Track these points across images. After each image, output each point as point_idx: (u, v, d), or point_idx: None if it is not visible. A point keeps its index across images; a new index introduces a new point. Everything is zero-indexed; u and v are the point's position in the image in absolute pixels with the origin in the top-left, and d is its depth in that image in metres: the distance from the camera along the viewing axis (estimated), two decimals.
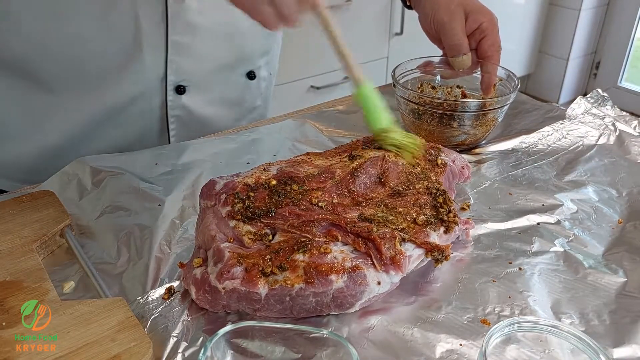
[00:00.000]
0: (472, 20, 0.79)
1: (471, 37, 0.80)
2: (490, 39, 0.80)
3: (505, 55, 0.83)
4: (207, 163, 0.74)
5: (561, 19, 2.78)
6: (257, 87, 0.92)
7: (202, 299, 0.50)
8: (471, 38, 0.81)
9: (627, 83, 2.91)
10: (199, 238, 0.55)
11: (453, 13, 0.79)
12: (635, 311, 0.52)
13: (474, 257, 0.58)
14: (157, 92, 0.79)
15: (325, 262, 0.49)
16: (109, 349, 0.44)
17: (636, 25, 2.76)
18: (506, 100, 0.77)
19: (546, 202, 0.67)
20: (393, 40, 2.18)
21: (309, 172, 0.58)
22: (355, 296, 0.49)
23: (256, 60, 0.89)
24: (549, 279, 0.55)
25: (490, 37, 0.80)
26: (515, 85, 0.79)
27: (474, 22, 0.79)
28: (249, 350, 0.46)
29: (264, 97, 0.96)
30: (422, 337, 0.49)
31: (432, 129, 0.78)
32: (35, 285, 0.51)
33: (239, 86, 0.88)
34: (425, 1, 0.82)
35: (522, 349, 0.47)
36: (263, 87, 0.93)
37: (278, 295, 0.48)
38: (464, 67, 0.81)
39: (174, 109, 0.82)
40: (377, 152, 0.62)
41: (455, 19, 0.79)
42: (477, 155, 0.78)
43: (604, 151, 0.78)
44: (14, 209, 0.60)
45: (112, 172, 0.70)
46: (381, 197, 0.58)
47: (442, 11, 0.80)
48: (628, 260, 0.58)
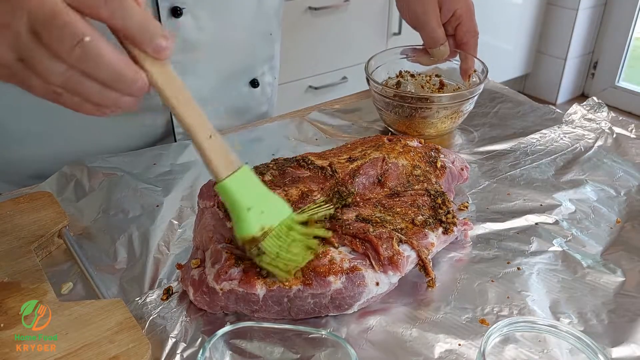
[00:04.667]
0: (446, 8, 0.79)
1: (447, 24, 0.81)
2: (466, 26, 0.81)
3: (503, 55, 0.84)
4: None
5: (559, 18, 2.79)
6: (261, 94, 0.91)
7: (200, 300, 0.50)
8: (447, 25, 0.81)
9: (624, 83, 2.91)
10: (197, 239, 0.55)
11: (426, 4, 0.79)
12: (634, 310, 0.52)
13: (473, 257, 0.58)
14: (161, 110, 0.78)
15: (323, 263, 0.49)
16: (108, 350, 0.44)
17: (634, 25, 2.76)
18: (475, 91, 0.78)
19: (544, 202, 0.67)
20: (391, 40, 2.18)
21: (307, 173, 0.58)
22: (354, 297, 0.49)
23: (258, 67, 0.87)
24: (547, 279, 0.55)
25: (466, 23, 0.80)
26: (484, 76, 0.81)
27: (448, 10, 0.79)
28: (247, 350, 0.46)
29: (270, 101, 0.95)
30: (421, 337, 0.49)
31: (405, 121, 0.79)
32: (34, 286, 0.51)
33: (243, 95, 0.87)
34: None
35: (520, 348, 0.47)
36: (268, 92, 0.92)
37: (276, 297, 0.48)
38: (442, 57, 0.83)
39: (179, 126, 0.81)
40: (378, 154, 0.62)
41: (428, 9, 0.79)
42: (476, 156, 0.78)
43: (601, 152, 0.78)
44: (12, 210, 0.60)
45: (110, 173, 0.70)
46: (379, 197, 0.58)
47: (415, 2, 0.80)
48: (626, 260, 0.58)
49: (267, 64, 0.89)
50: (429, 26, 0.80)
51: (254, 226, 0.47)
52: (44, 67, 0.38)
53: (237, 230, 0.48)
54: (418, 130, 0.80)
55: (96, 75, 0.39)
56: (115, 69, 0.39)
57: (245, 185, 0.47)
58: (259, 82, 0.88)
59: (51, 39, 0.37)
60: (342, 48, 2.06)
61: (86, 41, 0.37)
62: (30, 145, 0.77)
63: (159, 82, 0.42)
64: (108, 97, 0.41)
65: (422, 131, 0.80)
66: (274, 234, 0.48)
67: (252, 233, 0.47)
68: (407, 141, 0.67)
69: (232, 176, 0.46)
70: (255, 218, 0.47)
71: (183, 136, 0.83)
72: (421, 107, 0.77)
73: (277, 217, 0.49)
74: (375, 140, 0.67)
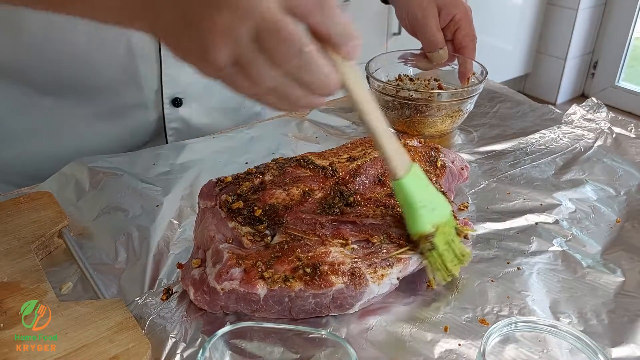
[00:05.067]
0: (445, 13, 0.81)
1: (446, 29, 0.82)
2: (464, 30, 0.82)
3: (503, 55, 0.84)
4: (205, 163, 0.74)
5: (559, 18, 2.79)
6: None
7: (200, 299, 0.50)
8: (446, 30, 0.82)
9: (624, 82, 2.91)
10: (198, 238, 0.55)
11: (425, 8, 0.80)
12: (634, 310, 0.52)
13: (472, 257, 0.58)
14: (153, 104, 0.79)
15: (325, 262, 0.49)
16: (108, 350, 0.44)
17: (634, 25, 2.76)
18: (475, 91, 0.79)
19: (544, 202, 0.67)
20: (391, 40, 2.18)
21: (308, 173, 0.58)
22: (356, 297, 0.49)
23: None
24: (547, 279, 0.55)
25: (464, 28, 0.82)
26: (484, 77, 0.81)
27: (447, 14, 0.81)
28: (247, 350, 0.46)
29: None
30: (421, 337, 0.49)
31: (405, 121, 0.79)
32: (33, 286, 0.51)
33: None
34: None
35: (520, 348, 0.47)
36: None
37: (277, 297, 0.48)
38: (441, 60, 0.83)
39: (171, 122, 0.81)
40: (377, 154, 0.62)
41: (428, 14, 0.80)
42: (475, 155, 0.78)
43: (601, 151, 0.78)
44: (12, 210, 0.60)
45: (110, 172, 0.70)
46: (380, 196, 0.58)
47: (415, 7, 0.81)
48: (626, 260, 0.58)
49: None
50: (428, 29, 0.80)
51: (428, 223, 0.51)
52: (260, 72, 0.39)
53: (413, 226, 0.51)
54: (418, 130, 0.80)
55: (309, 82, 0.40)
56: (325, 76, 0.40)
57: (418, 184, 0.51)
58: None
59: (274, 49, 0.38)
60: None
61: (306, 51, 0.38)
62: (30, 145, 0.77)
63: (351, 83, 0.43)
64: (312, 101, 0.43)
65: (422, 131, 0.80)
66: (442, 230, 0.52)
67: (426, 229, 0.51)
68: (407, 141, 0.67)
69: (408, 175, 0.49)
70: (427, 215, 0.51)
71: (174, 136, 0.83)
72: (421, 106, 0.77)
73: (444, 215, 0.53)
74: None
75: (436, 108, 0.77)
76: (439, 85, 0.87)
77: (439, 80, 0.87)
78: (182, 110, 0.81)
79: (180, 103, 0.80)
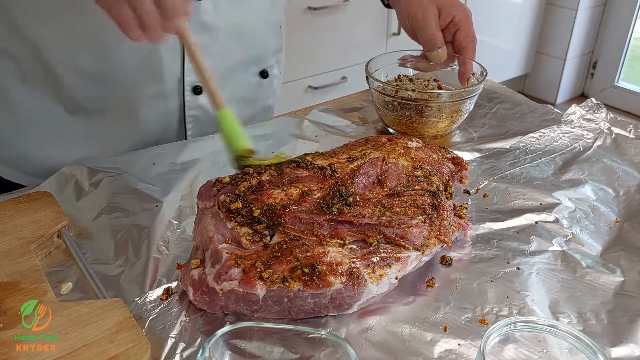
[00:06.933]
0: (445, 14, 0.82)
1: (446, 30, 0.83)
2: (464, 31, 0.83)
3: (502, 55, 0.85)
4: (205, 162, 0.74)
5: (558, 18, 2.79)
6: (269, 86, 0.93)
7: (199, 300, 0.50)
8: (446, 31, 0.83)
9: (624, 83, 2.91)
10: (197, 239, 0.55)
11: (426, 9, 0.81)
12: (633, 310, 0.52)
13: (472, 257, 0.58)
14: (174, 92, 0.80)
15: (323, 263, 0.49)
16: (107, 350, 0.44)
17: (633, 25, 2.76)
18: (474, 91, 0.79)
19: (544, 201, 0.67)
20: (390, 40, 2.18)
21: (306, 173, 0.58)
22: (354, 297, 0.49)
23: (269, 58, 0.90)
24: (546, 279, 0.55)
25: (464, 29, 0.83)
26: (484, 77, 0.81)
27: (448, 15, 0.82)
28: (247, 350, 0.46)
29: (276, 95, 0.97)
30: (421, 337, 0.49)
31: (405, 121, 0.79)
32: (33, 286, 0.51)
33: (252, 85, 0.89)
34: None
35: (520, 348, 0.47)
36: (275, 85, 0.95)
37: (276, 297, 0.48)
38: (440, 60, 0.84)
39: (192, 109, 0.83)
40: (377, 153, 0.62)
41: (428, 14, 0.81)
42: (475, 154, 0.78)
43: (600, 152, 0.78)
44: (11, 210, 0.60)
45: (110, 172, 0.70)
46: (379, 197, 0.58)
47: (415, 7, 0.82)
48: (625, 260, 0.58)
49: (276, 56, 0.91)
50: (428, 28, 0.81)
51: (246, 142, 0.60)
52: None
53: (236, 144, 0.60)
54: (418, 130, 0.80)
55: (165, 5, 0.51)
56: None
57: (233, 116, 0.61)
58: (268, 73, 0.90)
59: None
60: (342, 48, 2.06)
61: None
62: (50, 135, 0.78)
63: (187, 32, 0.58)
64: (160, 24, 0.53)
65: (422, 131, 0.80)
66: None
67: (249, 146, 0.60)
68: (407, 141, 0.67)
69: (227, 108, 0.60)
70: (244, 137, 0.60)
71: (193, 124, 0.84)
72: (421, 106, 0.77)
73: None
74: (375, 140, 0.67)
75: (436, 108, 0.77)
76: (439, 86, 0.87)
77: (439, 81, 0.88)
78: (202, 99, 0.82)
79: (200, 91, 0.81)
